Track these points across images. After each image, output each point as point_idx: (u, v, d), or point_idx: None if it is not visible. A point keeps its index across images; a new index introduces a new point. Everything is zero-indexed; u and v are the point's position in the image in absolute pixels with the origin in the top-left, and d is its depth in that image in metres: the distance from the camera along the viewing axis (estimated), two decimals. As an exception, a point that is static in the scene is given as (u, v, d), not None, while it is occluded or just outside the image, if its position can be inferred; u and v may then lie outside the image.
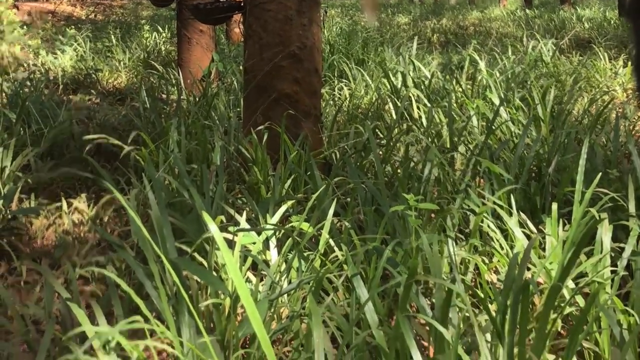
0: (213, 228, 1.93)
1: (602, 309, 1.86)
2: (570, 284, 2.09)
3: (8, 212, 3.18)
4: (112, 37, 9.69)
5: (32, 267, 2.58)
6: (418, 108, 4.96)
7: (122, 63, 8.17)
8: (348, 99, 5.61)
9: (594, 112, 4.86)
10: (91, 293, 2.52)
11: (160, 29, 10.72)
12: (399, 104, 4.95)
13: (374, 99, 5.50)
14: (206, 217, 1.98)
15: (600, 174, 2.74)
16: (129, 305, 2.20)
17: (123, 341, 1.84)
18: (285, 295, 2.15)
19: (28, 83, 6.23)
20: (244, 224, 2.53)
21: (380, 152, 3.91)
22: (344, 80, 6.48)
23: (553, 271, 2.21)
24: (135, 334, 2.12)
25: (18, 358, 2.02)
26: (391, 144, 3.89)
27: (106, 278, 2.23)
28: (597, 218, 2.46)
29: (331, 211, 2.40)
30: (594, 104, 5.11)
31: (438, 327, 1.83)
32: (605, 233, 2.31)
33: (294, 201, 2.93)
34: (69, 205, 3.45)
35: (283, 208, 2.66)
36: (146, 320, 2.05)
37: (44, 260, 2.86)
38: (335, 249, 2.37)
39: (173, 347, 1.86)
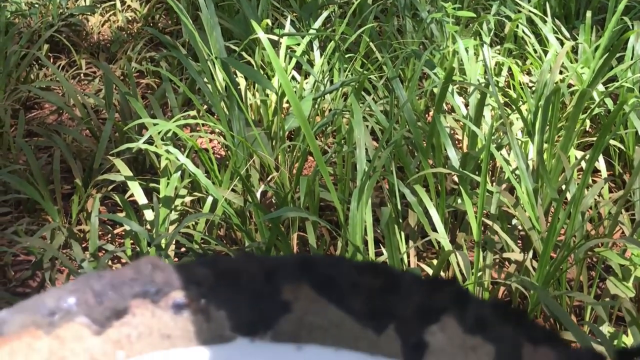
0: (260, 31, 1.90)
1: (630, 111, 1.83)
2: (600, 87, 2.05)
3: (66, 9, 3.15)
4: None
5: (91, 60, 2.57)
6: None
7: None
8: None
9: None
10: (147, 85, 2.52)
11: None
12: None
13: None
14: (253, 22, 1.94)
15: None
16: (182, 99, 2.20)
17: (180, 132, 1.86)
18: (328, 94, 2.14)
19: None
20: (288, 26, 2.49)
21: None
22: None
23: (584, 75, 2.17)
24: (188, 125, 2.14)
25: (82, 142, 2.05)
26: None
27: (160, 73, 2.23)
28: (630, 26, 2.38)
29: (371, 16, 2.34)
30: None
31: (471, 126, 1.82)
32: (637, 40, 2.24)
33: (335, 6, 2.85)
34: (122, 3, 3.40)
35: (325, 13, 2.60)
36: (199, 113, 2.06)
37: (101, 55, 2.85)
38: (376, 52, 2.33)
39: (224, 139, 1.87)
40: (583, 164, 1.73)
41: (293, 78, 2.30)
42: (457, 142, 1.96)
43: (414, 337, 0.44)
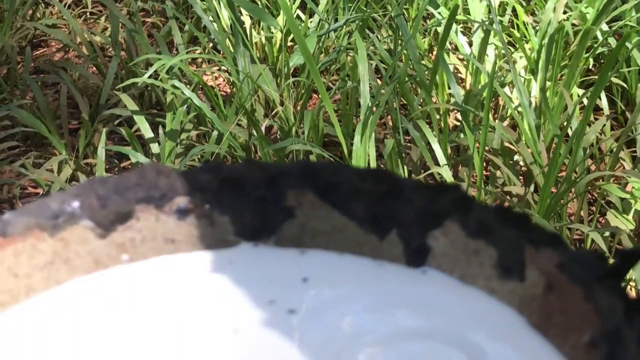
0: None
1: (633, 48, 1.81)
2: (604, 27, 2.02)
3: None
4: None
5: (97, -1, 2.54)
6: None
7: None
8: None
9: None
10: (152, 24, 2.49)
11: None
12: None
13: None
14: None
15: None
16: (187, 37, 2.18)
17: (185, 68, 1.85)
18: (332, 32, 2.12)
19: None
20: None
21: None
22: None
23: (588, 15, 2.13)
24: (194, 62, 2.12)
25: (88, 78, 2.04)
26: None
27: (166, 12, 2.20)
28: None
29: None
30: None
31: (474, 61, 1.80)
32: (642, -21, 2.20)
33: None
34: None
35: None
36: (204, 50, 2.04)
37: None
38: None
39: (230, 75, 1.86)
40: (585, 102, 1.72)
41: (298, 17, 2.27)
42: (460, 80, 1.95)
43: (416, 242, 0.43)
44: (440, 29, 1.96)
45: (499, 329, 0.39)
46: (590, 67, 1.96)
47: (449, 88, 1.75)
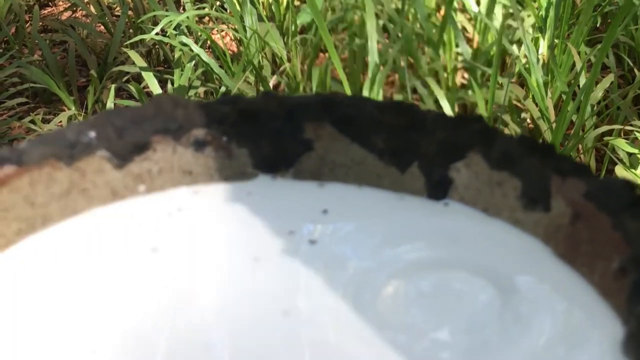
0: None
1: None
2: (611, -15, 1.99)
3: None
4: None
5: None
6: None
7: None
8: None
9: None
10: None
11: None
12: None
13: None
14: None
15: None
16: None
17: (193, 25, 1.82)
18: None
19: None
20: None
21: None
22: None
23: (596, -26, 2.10)
24: (201, 21, 2.10)
25: (96, 36, 2.01)
26: None
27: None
28: None
29: None
30: None
31: (483, 18, 1.78)
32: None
33: None
34: None
35: None
36: (211, 8, 2.02)
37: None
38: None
39: (237, 32, 1.83)
40: (593, 59, 1.69)
41: (305, -24, 2.24)
42: (467, 40, 1.92)
43: (438, 174, 0.42)
44: (447, -12, 1.92)
45: (524, 259, 0.38)
46: (598, 25, 1.93)
47: (457, 46, 1.73)
